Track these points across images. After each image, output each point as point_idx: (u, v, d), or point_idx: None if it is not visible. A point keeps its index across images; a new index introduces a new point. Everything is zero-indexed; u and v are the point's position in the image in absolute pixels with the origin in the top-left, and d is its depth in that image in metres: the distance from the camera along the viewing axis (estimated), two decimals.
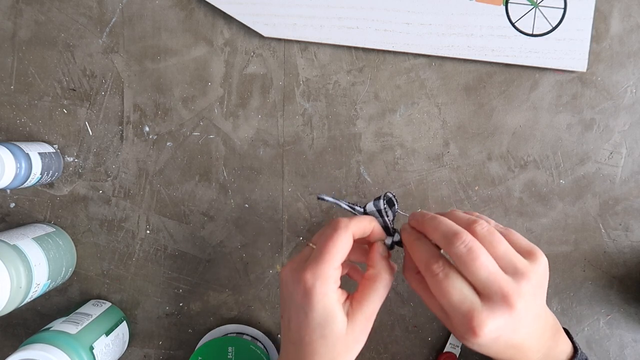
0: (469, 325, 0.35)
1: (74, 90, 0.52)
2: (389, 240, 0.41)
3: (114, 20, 0.51)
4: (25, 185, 0.48)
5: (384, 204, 0.41)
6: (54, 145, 0.52)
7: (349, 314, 0.38)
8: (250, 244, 0.53)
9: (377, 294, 0.39)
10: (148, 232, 0.53)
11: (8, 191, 0.52)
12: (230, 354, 0.50)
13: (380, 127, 0.52)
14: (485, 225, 0.37)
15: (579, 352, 0.41)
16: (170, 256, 0.53)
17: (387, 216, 0.42)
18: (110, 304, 0.53)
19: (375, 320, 0.53)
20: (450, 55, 0.51)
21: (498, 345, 0.36)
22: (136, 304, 0.54)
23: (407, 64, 0.52)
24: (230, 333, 0.53)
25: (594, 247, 0.53)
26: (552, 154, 0.53)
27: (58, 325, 0.47)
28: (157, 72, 0.52)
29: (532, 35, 0.50)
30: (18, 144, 0.47)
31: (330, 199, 0.42)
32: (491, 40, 0.50)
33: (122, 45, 0.51)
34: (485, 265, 0.35)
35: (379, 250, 0.40)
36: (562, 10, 0.50)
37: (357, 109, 0.52)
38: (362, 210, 0.42)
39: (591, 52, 0.51)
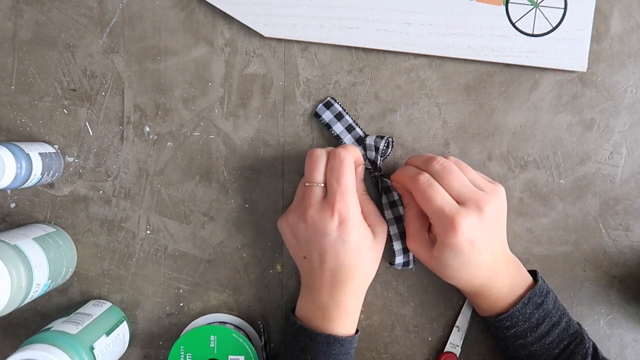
0: (450, 222, 0.42)
1: (75, 90, 0.52)
2: (368, 165, 0.51)
3: (114, 20, 0.51)
4: (26, 185, 0.48)
5: (384, 146, 0.49)
6: (55, 146, 0.52)
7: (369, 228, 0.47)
8: (251, 244, 0.53)
9: (369, 200, 0.49)
10: (148, 232, 0.53)
11: (8, 191, 0.52)
12: (213, 342, 0.50)
13: (380, 127, 0.52)
14: (454, 159, 0.46)
15: (539, 282, 0.47)
16: (171, 256, 0.53)
17: (381, 155, 0.50)
18: (110, 304, 0.53)
19: (375, 320, 0.54)
20: (451, 55, 0.51)
21: (473, 255, 0.43)
22: (136, 304, 0.54)
23: (407, 64, 0.52)
24: (213, 322, 0.53)
25: (594, 247, 0.53)
26: (552, 154, 0.53)
27: (58, 325, 0.47)
28: (158, 72, 0.52)
29: (532, 35, 0.50)
30: (18, 144, 0.47)
31: (338, 107, 0.51)
32: (491, 40, 0.50)
33: (122, 46, 0.51)
34: (458, 178, 0.44)
35: (361, 173, 0.50)
36: (563, 10, 0.50)
37: (358, 109, 0.52)
38: (362, 133, 0.51)
39: (591, 52, 0.51)
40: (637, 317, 0.54)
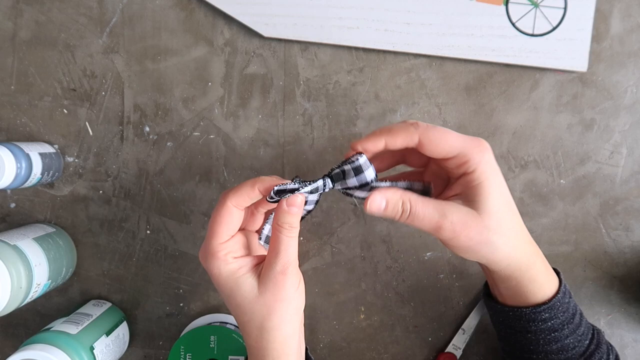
0: (480, 145, 0.38)
1: (74, 90, 0.52)
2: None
3: (114, 20, 0.51)
4: (26, 185, 0.48)
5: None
6: (54, 146, 0.52)
7: (260, 275, 0.39)
8: None
9: (284, 244, 0.38)
10: (148, 232, 0.53)
11: (8, 191, 0.52)
12: (213, 342, 0.50)
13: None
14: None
15: (562, 286, 0.42)
16: (171, 256, 0.53)
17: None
18: (110, 304, 0.53)
19: (375, 320, 0.54)
20: (451, 55, 0.51)
21: (512, 202, 0.40)
22: (136, 304, 0.54)
23: (407, 64, 0.52)
24: (214, 322, 0.53)
25: (595, 247, 0.53)
26: (552, 154, 0.53)
27: (58, 325, 0.47)
28: (158, 72, 0.52)
29: (533, 35, 0.50)
30: (18, 144, 0.47)
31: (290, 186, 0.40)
32: (491, 40, 0.50)
33: (122, 46, 0.51)
34: (452, 132, 0.38)
35: (283, 206, 0.39)
36: (563, 10, 0.50)
37: (358, 109, 0.52)
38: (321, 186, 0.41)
39: (591, 52, 0.51)
40: (637, 317, 0.54)
